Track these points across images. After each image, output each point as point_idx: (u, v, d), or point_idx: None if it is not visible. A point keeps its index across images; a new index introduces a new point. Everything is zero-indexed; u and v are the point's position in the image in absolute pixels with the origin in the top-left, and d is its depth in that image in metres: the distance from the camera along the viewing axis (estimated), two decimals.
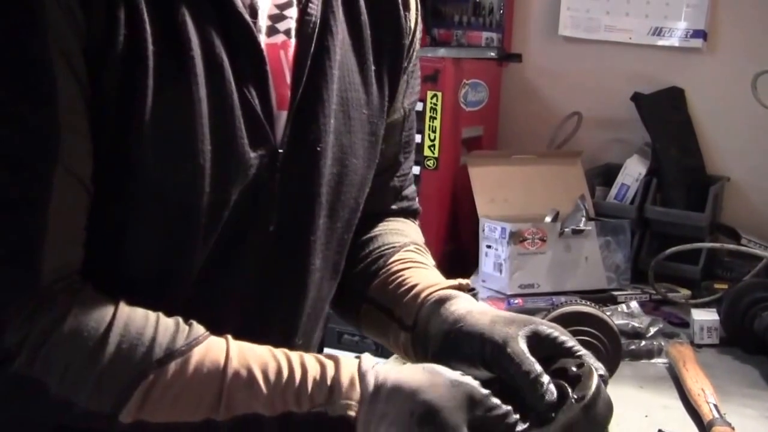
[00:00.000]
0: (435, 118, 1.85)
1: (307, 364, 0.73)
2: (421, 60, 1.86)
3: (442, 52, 2.05)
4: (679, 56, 2.09)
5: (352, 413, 0.71)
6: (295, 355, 0.74)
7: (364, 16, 0.89)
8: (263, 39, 0.80)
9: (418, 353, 0.88)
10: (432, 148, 1.86)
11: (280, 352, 0.74)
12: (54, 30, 0.68)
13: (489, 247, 1.76)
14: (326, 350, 1.89)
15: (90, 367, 0.69)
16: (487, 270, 1.77)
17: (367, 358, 0.75)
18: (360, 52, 0.88)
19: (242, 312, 0.83)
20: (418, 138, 1.84)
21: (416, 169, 1.85)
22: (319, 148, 0.83)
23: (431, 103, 1.85)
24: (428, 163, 1.88)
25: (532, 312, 1.52)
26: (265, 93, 0.79)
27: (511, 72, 2.24)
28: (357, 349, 1.93)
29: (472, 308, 0.84)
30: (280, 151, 0.80)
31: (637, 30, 2.11)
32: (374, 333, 0.97)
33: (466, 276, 1.79)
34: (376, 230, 1.00)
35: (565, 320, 1.21)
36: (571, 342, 0.79)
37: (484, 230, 1.78)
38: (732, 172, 2.08)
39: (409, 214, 1.05)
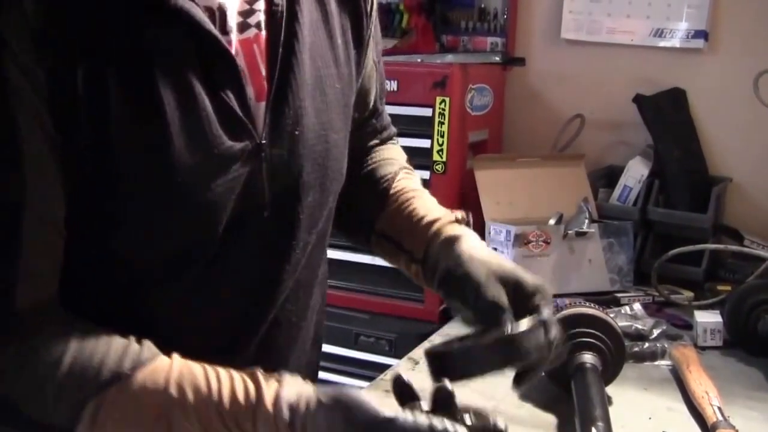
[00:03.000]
0: (443, 123, 1.84)
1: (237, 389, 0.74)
2: (431, 66, 1.91)
3: (449, 58, 2.05)
4: (680, 57, 2.08)
5: None
6: (225, 379, 0.75)
7: None
8: (235, 36, 0.82)
9: (428, 280, 0.99)
10: (440, 153, 1.86)
11: (213, 375, 0.75)
12: (12, 86, 0.69)
13: (495, 249, 1.76)
14: (343, 352, 1.92)
15: (47, 387, 0.73)
16: None
17: (289, 386, 0.75)
18: (328, 29, 0.91)
19: (241, 289, 0.87)
20: (427, 143, 1.87)
21: (425, 174, 1.86)
22: (297, 132, 0.86)
23: (440, 108, 1.84)
24: (437, 167, 1.87)
25: None
26: (241, 92, 0.81)
27: (514, 76, 2.23)
28: (372, 349, 1.94)
29: (473, 254, 0.93)
30: (263, 141, 0.83)
31: (638, 31, 2.10)
32: (387, 259, 1.08)
33: None
34: (371, 164, 1.09)
35: (569, 322, 1.23)
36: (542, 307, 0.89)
37: (489, 233, 1.79)
38: (734, 172, 2.07)
39: (388, 140, 1.15)
